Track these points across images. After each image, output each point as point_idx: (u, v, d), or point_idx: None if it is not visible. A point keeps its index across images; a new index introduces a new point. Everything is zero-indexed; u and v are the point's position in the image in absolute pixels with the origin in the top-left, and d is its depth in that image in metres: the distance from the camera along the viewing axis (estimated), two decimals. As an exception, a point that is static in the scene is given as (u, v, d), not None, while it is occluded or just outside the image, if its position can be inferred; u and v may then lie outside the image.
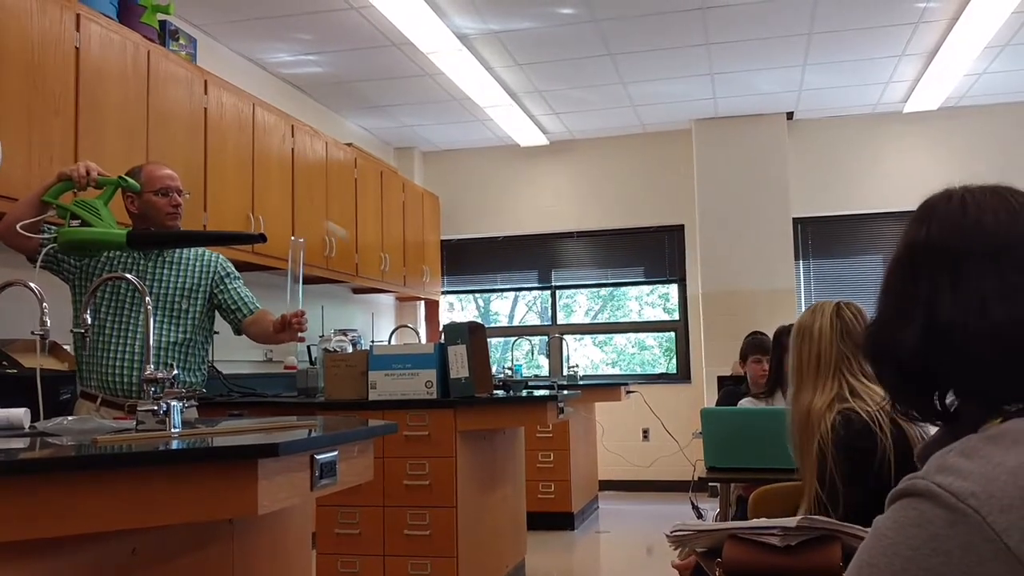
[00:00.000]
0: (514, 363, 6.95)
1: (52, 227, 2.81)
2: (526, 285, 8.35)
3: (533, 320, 8.49)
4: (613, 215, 7.92)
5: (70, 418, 2.27)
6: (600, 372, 8.28)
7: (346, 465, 2.03)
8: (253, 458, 1.67)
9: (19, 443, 1.94)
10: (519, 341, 7.45)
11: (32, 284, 2.39)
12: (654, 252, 7.98)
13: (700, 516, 4.46)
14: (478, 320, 6.46)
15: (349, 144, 6.32)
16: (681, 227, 7.82)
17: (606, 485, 7.31)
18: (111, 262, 2.94)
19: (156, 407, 2.01)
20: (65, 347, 3.40)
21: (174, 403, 2.02)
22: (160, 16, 4.26)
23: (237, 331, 3.12)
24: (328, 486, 1.94)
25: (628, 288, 8.34)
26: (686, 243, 7.79)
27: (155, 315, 2.90)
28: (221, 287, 3.08)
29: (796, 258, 7.43)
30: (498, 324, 8.48)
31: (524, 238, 8.15)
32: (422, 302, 8.20)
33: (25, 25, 3.34)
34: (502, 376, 5.53)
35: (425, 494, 3.85)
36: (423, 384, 3.84)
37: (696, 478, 3.50)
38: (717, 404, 4.51)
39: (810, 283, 7.56)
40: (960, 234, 0.95)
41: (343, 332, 4.72)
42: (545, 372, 7.90)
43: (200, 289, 3.04)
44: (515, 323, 8.56)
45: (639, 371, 8.21)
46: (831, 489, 1.95)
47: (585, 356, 8.34)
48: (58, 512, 1.60)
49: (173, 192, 2.97)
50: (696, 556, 1.72)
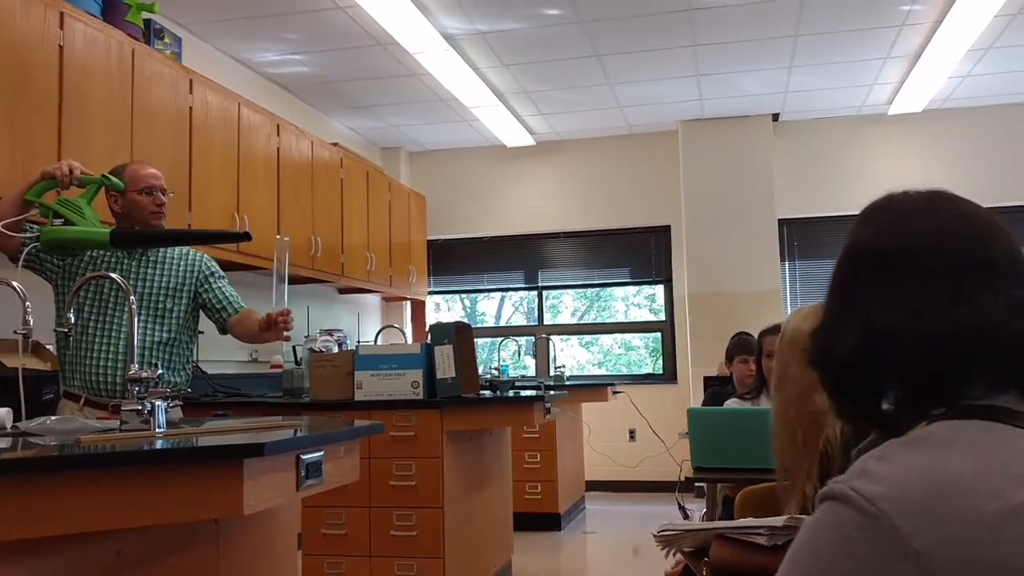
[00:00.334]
0: (501, 364, 6.94)
1: (35, 226, 2.78)
2: (513, 285, 8.35)
3: (520, 320, 8.49)
4: (599, 216, 7.93)
5: (53, 418, 2.25)
6: (586, 373, 8.28)
7: (332, 465, 2.02)
8: (239, 458, 1.66)
9: (1, 443, 1.92)
10: (506, 341, 7.45)
11: (15, 283, 2.37)
12: (640, 253, 7.99)
13: (687, 516, 4.47)
14: (464, 320, 6.46)
15: (335, 144, 6.30)
16: (667, 228, 7.84)
17: (593, 485, 7.32)
18: (94, 261, 2.92)
19: (140, 407, 2.00)
20: (48, 347, 3.38)
21: (158, 403, 2.01)
22: (145, 15, 4.23)
23: (222, 330, 3.11)
24: (314, 486, 1.93)
25: (614, 289, 8.36)
26: (672, 244, 7.81)
27: (139, 314, 2.88)
28: (206, 286, 3.06)
29: (782, 259, 7.46)
30: (485, 324, 8.48)
31: (511, 238, 8.15)
32: (408, 302, 8.18)
33: (8, 23, 3.31)
34: (489, 376, 5.52)
35: (411, 495, 3.84)
36: (409, 384, 3.84)
37: (683, 478, 3.50)
38: (703, 404, 4.52)
39: (795, 284, 7.59)
40: (892, 239, 0.96)
41: (329, 332, 4.70)
42: (532, 373, 7.90)
43: (184, 288, 3.02)
44: (502, 323, 8.55)
45: (625, 372, 8.22)
46: None
47: (571, 357, 8.34)
48: (41, 512, 1.59)
49: (157, 191, 2.95)
50: (683, 556, 1.72)
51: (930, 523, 0.76)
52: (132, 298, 2.31)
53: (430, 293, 8.23)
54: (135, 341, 2.29)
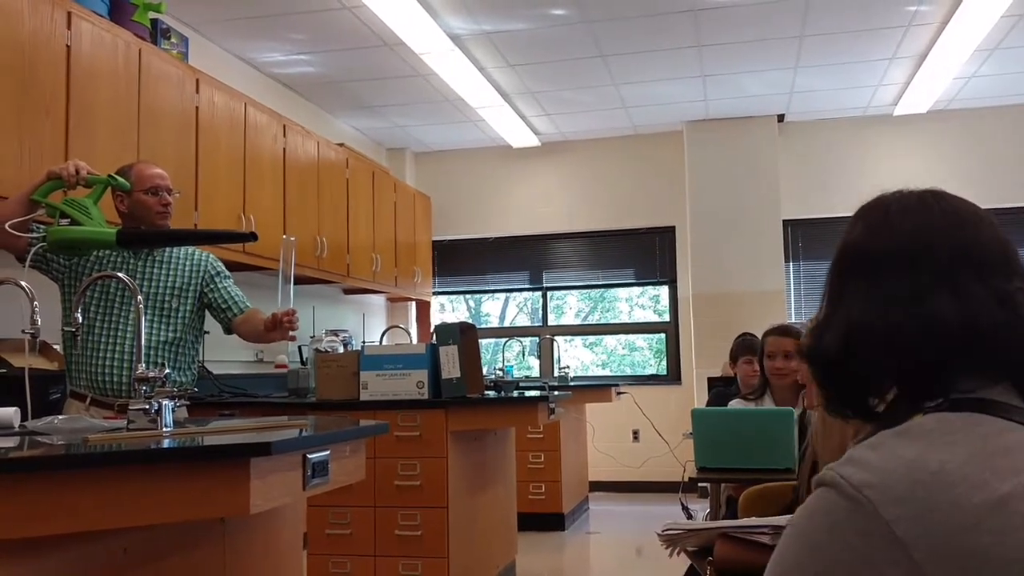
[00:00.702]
0: (505, 364, 6.95)
1: (41, 226, 2.79)
2: (517, 286, 8.35)
3: (524, 321, 8.49)
4: (604, 216, 7.93)
5: (60, 417, 2.26)
6: (590, 373, 8.29)
7: (338, 465, 2.03)
8: (245, 457, 1.66)
9: (9, 442, 1.93)
10: (510, 342, 7.46)
11: (23, 283, 2.38)
12: (645, 253, 7.99)
13: (690, 517, 4.47)
14: (469, 321, 6.46)
15: (341, 144, 6.31)
16: (672, 229, 7.83)
17: (596, 486, 7.32)
18: (100, 261, 2.92)
19: (147, 406, 2.01)
20: (55, 346, 3.39)
21: (165, 402, 2.01)
22: (152, 15, 4.25)
23: (227, 330, 3.12)
24: (320, 485, 1.94)
25: (619, 289, 8.35)
26: (677, 245, 7.81)
27: (145, 314, 2.89)
28: (211, 286, 3.07)
29: (786, 260, 7.46)
30: (489, 325, 8.48)
31: (515, 239, 8.15)
32: (413, 303, 8.19)
33: (16, 23, 3.32)
34: (493, 377, 5.53)
35: (416, 494, 3.84)
36: (414, 384, 3.84)
37: (686, 479, 3.50)
38: (707, 405, 4.52)
39: (800, 285, 7.59)
40: (879, 236, 0.98)
41: (334, 332, 4.71)
42: (536, 373, 7.89)
43: (190, 288, 3.03)
44: (506, 324, 8.56)
45: (629, 372, 8.23)
46: None
47: (575, 357, 8.35)
48: (48, 511, 1.60)
49: (163, 191, 2.96)
50: (687, 555, 1.72)
51: (914, 512, 0.78)
52: (139, 298, 2.31)
53: (435, 294, 8.23)
54: (141, 341, 2.30)
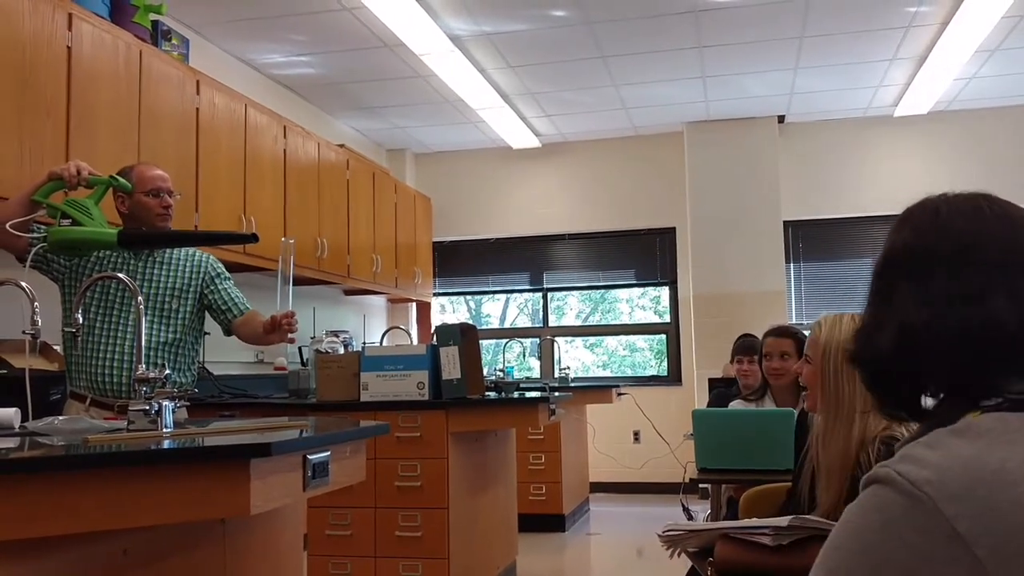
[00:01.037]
0: (505, 365, 6.95)
1: (42, 226, 2.79)
2: (518, 287, 8.35)
3: (524, 322, 8.49)
4: (605, 217, 7.93)
5: (60, 418, 2.26)
6: (591, 374, 8.28)
7: (338, 466, 2.03)
8: (246, 458, 1.66)
9: (9, 443, 1.93)
10: (510, 343, 7.45)
11: (23, 283, 2.38)
12: (645, 254, 7.99)
13: (691, 518, 4.47)
14: (470, 322, 6.45)
15: (341, 145, 6.31)
16: (672, 229, 7.83)
17: (597, 487, 7.32)
18: (101, 262, 2.92)
19: (147, 407, 2.01)
20: (55, 347, 3.39)
21: (165, 403, 2.01)
22: (152, 16, 4.25)
23: (227, 332, 3.11)
24: (320, 486, 1.94)
25: (619, 290, 8.35)
26: (677, 245, 7.81)
27: (145, 315, 2.89)
28: (211, 287, 3.07)
29: (787, 261, 7.46)
30: (489, 326, 8.48)
31: (516, 240, 8.15)
32: (414, 304, 8.19)
33: (16, 24, 3.32)
34: (493, 378, 5.53)
35: (417, 495, 3.84)
36: (415, 385, 3.84)
37: (687, 480, 3.50)
38: (708, 406, 4.51)
39: (800, 286, 7.59)
40: (931, 238, 0.97)
41: (335, 333, 4.71)
42: (536, 374, 7.89)
43: (190, 289, 3.03)
44: (506, 325, 8.56)
45: (630, 373, 8.22)
46: None
47: (576, 358, 8.35)
48: (48, 512, 1.60)
49: (164, 193, 2.96)
50: (688, 556, 1.72)
51: (974, 509, 0.78)
52: (139, 298, 2.31)
53: (435, 295, 8.24)
54: (141, 341, 2.29)
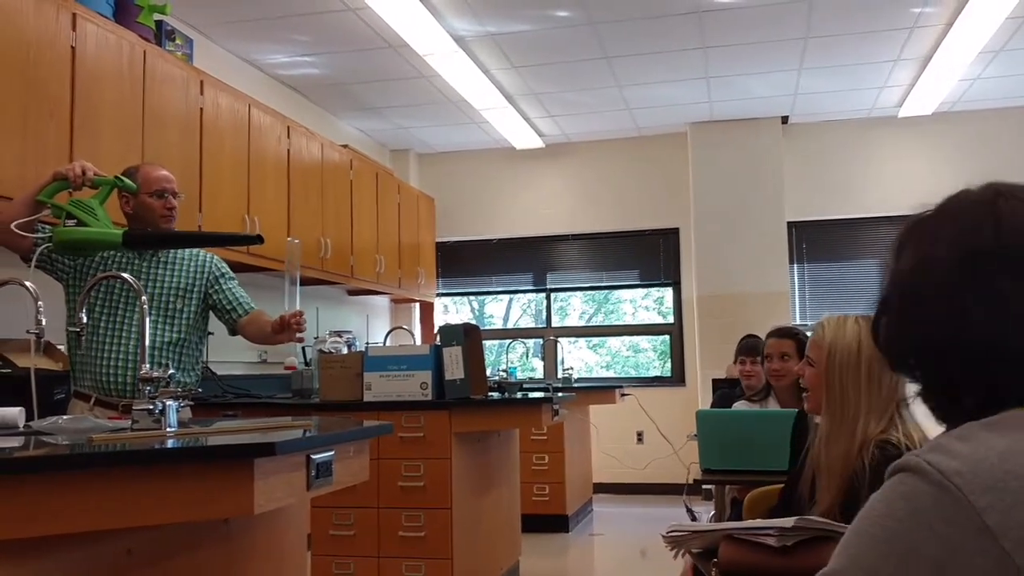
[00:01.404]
0: (509, 366, 6.94)
1: (47, 226, 2.80)
2: (521, 288, 8.35)
3: (528, 323, 8.49)
4: (608, 218, 7.93)
5: (65, 417, 2.26)
6: (594, 375, 8.28)
7: (342, 465, 2.03)
8: (250, 457, 1.66)
9: (14, 442, 1.94)
10: (513, 344, 7.45)
11: (28, 283, 2.38)
12: (649, 255, 7.98)
13: (694, 519, 4.46)
14: (473, 322, 6.45)
15: (345, 146, 6.31)
16: (676, 230, 7.83)
17: (600, 488, 7.32)
18: (105, 262, 2.93)
19: (151, 406, 2.01)
20: (59, 347, 3.39)
21: (169, 402, 2.01)
22: (156, 16, 4.25)
23: (232, 331, 3.12)
24: (324, 486, 1.94)
25: (623, 291, 8.35)
26: (681, 246, 7.80)
27: (149, 315, 2.89)
28: (216, 287, 3.07)
29: (790, 262, 7.45)
30: (493, 327, 8.48)
31: (519, 241, 8.15)
32: (417, 304, 8.19)
33: (21, 24, 3.33)
34: (497, 378, 5.52)
35: (420, 495, 3.84)
36: (418, 385, 3.84)
37: (691, 481, 3.50)
38: (712, 407, 4.51)
39: (804, 287, 7.58)
40: (996, 239, 0.89)
41: (338, 333, 4.71)
42: (539, 375, 7.89)
43: (195, 289, 3.03)
44: (509, 326, 8.56)
45: (633, 374, 8.22)
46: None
47: (579, 359, 8.34)
48: (53, 511, 1.60)
49: (168, 194, 2.97)
50: (692, 556, 1.72)
51: (1006, 502, 0.77)
52: (143, 298, 2.31)
53: (439, 295, 8.24)
54: (145, 341, 2.30)
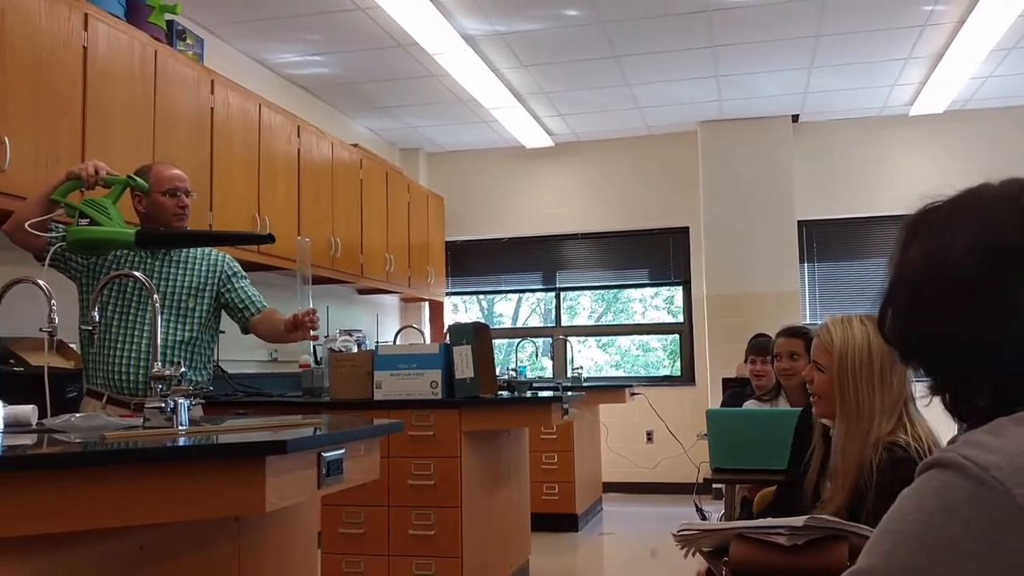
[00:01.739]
0: (518, 365, 6.95)
1: (60, 225, 2.82)
2: (530, 287, 8.35)
3: (537, 322, 8.49)
4: (618, 217, 7.92)
5: (77, 415, 2.27)
6: (604, 374, 8.27)
7: (353, 463, 2.04)
8: (261, 455, 1.67)
9: (27, 440, 1.95)
10: (523, 343, 7.45)
11: (41, 282, 2.40)
12: (659, 254, 7.97)
13: (704, 518, 4.45)
14: (483, 321, 6.46)
15: (355, 145, 6.32)
16: (686, 229, 7.81)
17: (610, 487, 7.31)
18: (118, 260, 2.95)
19: (163, 404, 2.02)
20: (72, 345, 3.41)
21: (181, 401, 2.02)
22: (167, 16, 4.27)
23: (244, 330, 3.13)
24: (335, 484, 1.94)
25: (632, 290, 8.34)
26: (691, 245, 7.79)
27: (161, 313, 2.91)
28: (228, 286, 3.09)
29: (801, 261, 7.42)
30: (502, 326, 8.48)
31: (529, 240, 8.15)
32: (426, 303, 8.20)
33: (33, 24, 3.35)
34: (506, 377, 5.53)
35: (430, 494, 3.85)
36: (428, 384, 3.85)
37: (700, 480, 3.49)
38: (722, 406, 4.50)
39: (814, 286, 7.55)
40: (1014, 232, 0.89)
41: (348, 332, 4.72)
42: (549, 374, 7.89)
43: (207, 288, 3.05)
44: (519, 325, 8.56)
45: (643, 373, 8.21)
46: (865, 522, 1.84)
47: (589, 358, 8.34)
48: (65, 508, 1.61)
49: (181, 193, 2.98)
50: (702, 555, 1.72)
51: None
52: (155, 297, 2.33)
53: (448, 294, 8.24)
54: (157, 340, 2.31)
